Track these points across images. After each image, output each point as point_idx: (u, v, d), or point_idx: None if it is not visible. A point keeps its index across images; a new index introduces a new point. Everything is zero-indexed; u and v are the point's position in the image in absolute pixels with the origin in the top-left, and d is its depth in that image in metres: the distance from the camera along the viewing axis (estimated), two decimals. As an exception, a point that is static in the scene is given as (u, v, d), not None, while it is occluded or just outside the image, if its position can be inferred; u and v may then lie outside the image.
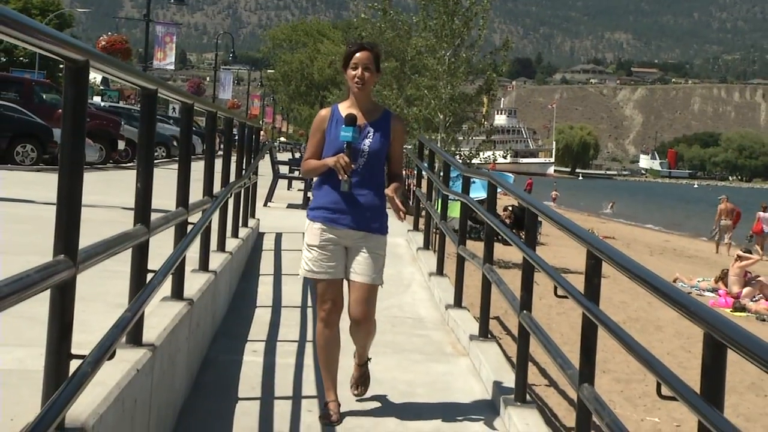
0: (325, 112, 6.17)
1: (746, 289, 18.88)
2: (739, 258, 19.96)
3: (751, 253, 21.55)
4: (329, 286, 6.06)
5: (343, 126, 5.88)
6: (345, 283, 6.36)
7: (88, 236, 3.68)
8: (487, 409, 7.28)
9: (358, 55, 5.90)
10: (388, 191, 6.06)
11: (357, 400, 6.72)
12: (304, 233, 6.28)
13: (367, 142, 6.01)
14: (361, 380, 6.66)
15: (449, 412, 7.20)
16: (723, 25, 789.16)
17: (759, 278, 19.44)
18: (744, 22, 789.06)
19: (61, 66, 3.67)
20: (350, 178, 5.83)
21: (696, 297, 10.50)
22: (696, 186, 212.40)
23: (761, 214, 37.70)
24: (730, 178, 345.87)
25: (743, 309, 17.63)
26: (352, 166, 5.86)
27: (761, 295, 18.75)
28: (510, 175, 30.59)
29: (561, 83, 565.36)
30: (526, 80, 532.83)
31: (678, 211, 62.18)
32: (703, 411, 3.46)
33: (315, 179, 6.31)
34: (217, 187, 9.83)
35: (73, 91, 3.60)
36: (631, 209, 68.69)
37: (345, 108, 6.08)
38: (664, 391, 3.91)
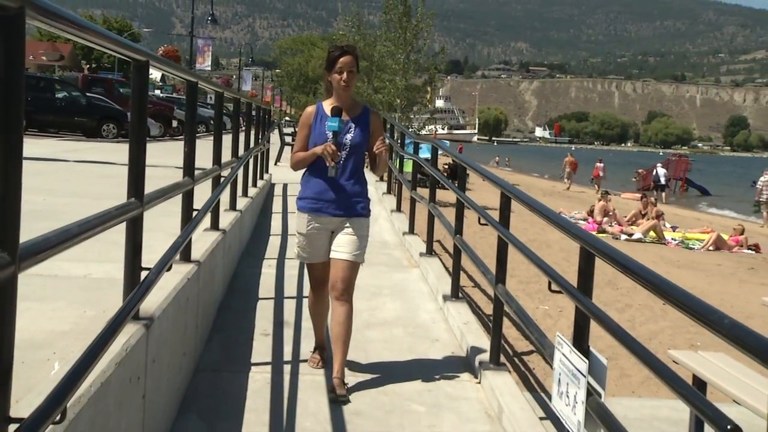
0: (311, 109, 5.14)
1: (605, 218, 19.27)
2: (604, 198, 20.46)
3: (608, 194, 21.75)
4: (318, 267, 5.11)
5: (329, 117, 4.91)
6: None
7: (151, 186, 3.68)
8: (432, 302, 7.38)
9: (342, 59, 4.87)
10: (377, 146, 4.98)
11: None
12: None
13: (349, 136, 4.96)
14: (340, 385, 4.81)
15: (406, 304, 7.29)
16: (589, 38, 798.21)
17: (615, 210, 19.90)
18: (603, 36, 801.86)
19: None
20: (337, 164, 4.85)
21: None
22: (573, 149, 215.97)
23: (598, 164, 39.79)
24: (595, 143, 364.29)
25: (604, 231, 17.98)
26: (338, 153, 4.85)
27: (615, 222, 19.09)
28: (447, 142, 30.59)
29: (481, 78, 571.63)
30: (457, 75, 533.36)
31: (549, 165, 62.62)
32: (579, 298, 3.54)
33: (303, 173, 5.19)
34: (241, 151, 9.81)
35: (138, 83, 3.61)
36: (530, 165, 69.02)
37: (328, 105, 5.03)
38: (553, 287, 3.97)
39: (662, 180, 38.94)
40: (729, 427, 2.23)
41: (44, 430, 2.00)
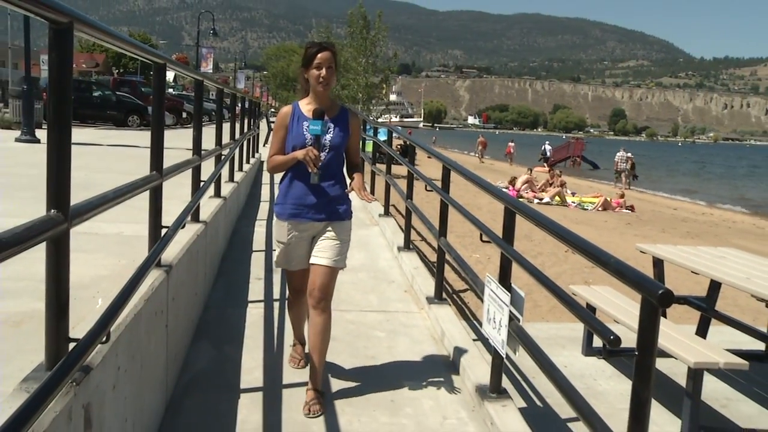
0: (286, 110, 3.82)
1: (524, 186, 19.45)
2: (529, 173, 20.77)
3: (531, 171, 21.94)
4: (298, 274, 3.90)
5: (311, 120, 3.65)
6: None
7: (167, 163, 3.64)
8: (389, 252, 7.40)
9: (320, 55, 3.60)
10: (355, 185, 3.71)
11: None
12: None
13: (329, 137, 3.70)
14: (315, 401, 3.60)
15: (369, 254, 7.30)
16: (509, 47, 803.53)
17: (529, 179, 20.07)
18: (519, 46, 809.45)
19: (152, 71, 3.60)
20: (319, 170, 3.63)
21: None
22: (497, 133, 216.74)
23: (510, 143, 41.73)
24: (514, 128, 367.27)
25: (521, 197, 18.12)
26: (320, 158, 3.64)
27: (530, 189, 19.27)
28: (399, 128, 30.50)
29: (425, 77, 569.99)
30: (406, 75, 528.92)
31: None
32: (504, 246, 3.58)
33: (283, 176, 3.83)
34: (237, 135, 9.71)
35: (158, 81, 3.55)
36: (463, 145, 68.91)
37: (305, 105, 3.74)
38: (484, 238, 4.01)
39: (548, 154, 41.60)
40: (612, 337, 2.31)
41: (94, 347, 2.03)
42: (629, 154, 31.37)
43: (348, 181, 3.83)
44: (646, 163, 58.28)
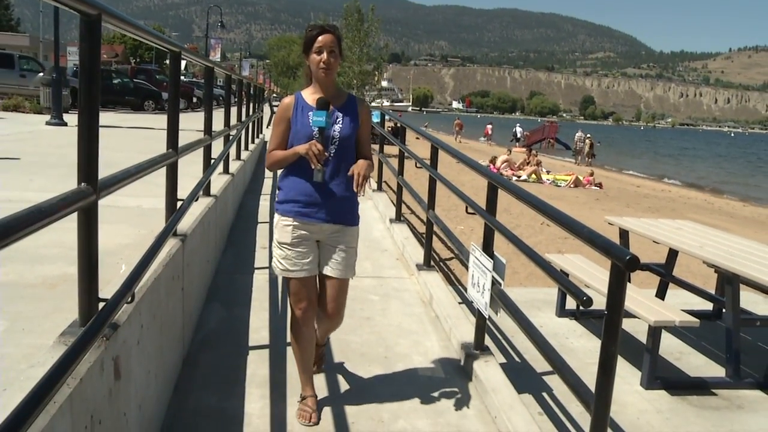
0: (288, 100, 3.00)
1: (503, 165, 19.43)
2: (508, 153, 20.77)
3: (510, 152, 21.92)
4: (304, 284, 2.98)
5: (315, 110, 2.86)
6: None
7: (182, 142, 3.62)
8: (381, 224, 7.41)
9: (321, 38, 2.87)
10: (354, 167, 2.87)
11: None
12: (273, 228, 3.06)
13: (337, 128, 2.91)
14: (318, 359, 3.45)
15: (363, 225, 7.25)
16: (490, 39, 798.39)
17: (508, 159, 20.07)
18: (499, 38, 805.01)
19: (167, 61, 3.57)
20: (324, 167, 2.87)
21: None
22: (479, 117, 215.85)
23: (488, 126, 42.86)
24: (494, 113, 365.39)
25: (501, 175, 18.07)
26: (326, 153, 2.85)
27: (509, 168, 19.26)
28: (391, 111, 30.43)
29: (413, 66, 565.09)
30: (396, 64, 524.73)
31: (465, 129, 62.54)
32: (487, 217, 3.60)
33: (282, 171, 3.01)
34: (243, 117, 9.65)
35: (174, 67, 3.52)
36: (449, 128, 68.53)
37: (309, 95, 2.95)
38: (469, 210, 4.03)
39: (518, 135, 41.48)
40: (584, 298, 2.34)
41: (120, 307, 2.05)
42: (588, 135, 32.69)
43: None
44: (614, 145, 58.32)
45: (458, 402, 3.30)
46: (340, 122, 2.94)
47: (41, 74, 18.45)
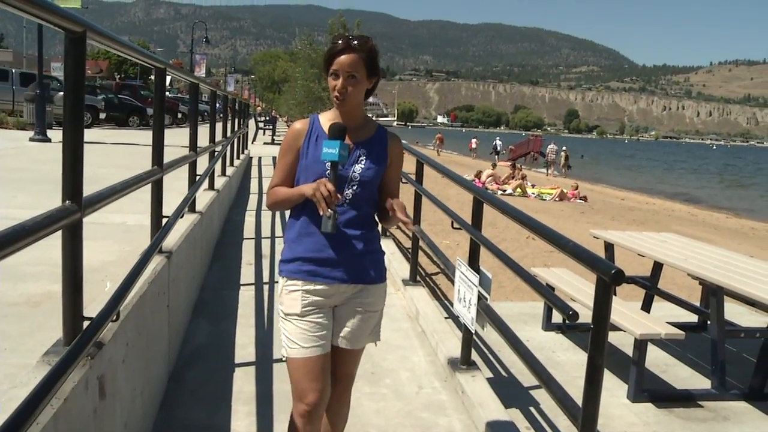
0: (300, 126, 2.24)
1: (488, 179, 19.52)
2: (493, 168, 20.89)
3: (495, 167, 22.04)
4: (315, 365, 2.16)
5: (326, 140, 2.08)
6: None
7: (167, 158, 3.61)
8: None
9: (340, 59, 2.13)
10: (396, 203, 2.11)
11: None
12: (280, 297, 2.25)
13: (358, 167, 2.16)
14: None
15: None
16: (474, 54, 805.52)
17: (493, 173, 20.18)
18: (483, 52, 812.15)
19: (151, 76, 3.57)
20: (336, 213, 2.04)
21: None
22: (464, 131, 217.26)
23: (473, 139, 43.91)
24: (479, 126, 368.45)
25: (486, 189, 18.16)
26: (339, 196, 2.06)
27: (494, 182, 19.36)
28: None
29: (398, 80, 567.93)
30: (381, 79, 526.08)
31: (451, 142, 62.87)
32: (472, 232, 3.62)
33: (289, 221, 2.28)
34: (228, 133, 9.64)
35: (159, 83, 3.52)
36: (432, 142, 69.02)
37: (327, 120, 2.22)
38: (455, 225, 4.04)
39: (498, 148, 42.41)
40: (570, 312, 2.36)
41: (106, 325, 2.03)
42: (564, 148, 34.79)
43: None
44: (601, 159, 58.81)
45: (445, 417, 3.30)
46: (362, 162, 2.20)
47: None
